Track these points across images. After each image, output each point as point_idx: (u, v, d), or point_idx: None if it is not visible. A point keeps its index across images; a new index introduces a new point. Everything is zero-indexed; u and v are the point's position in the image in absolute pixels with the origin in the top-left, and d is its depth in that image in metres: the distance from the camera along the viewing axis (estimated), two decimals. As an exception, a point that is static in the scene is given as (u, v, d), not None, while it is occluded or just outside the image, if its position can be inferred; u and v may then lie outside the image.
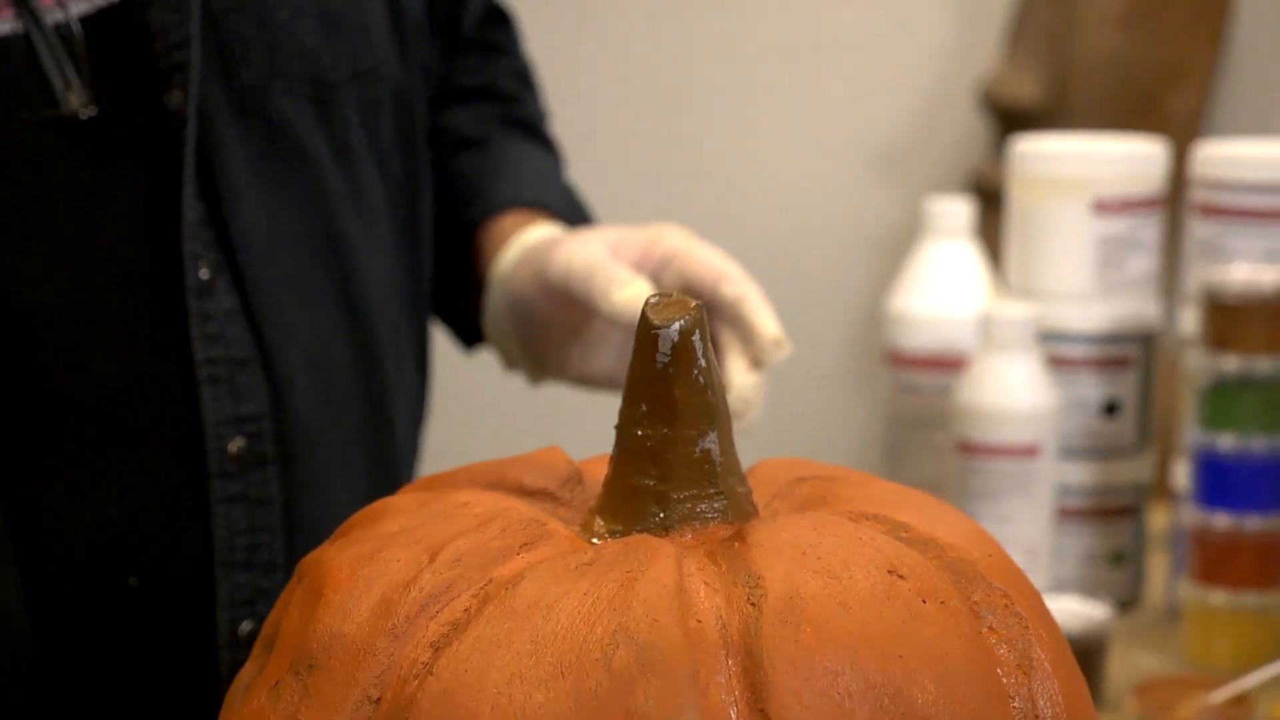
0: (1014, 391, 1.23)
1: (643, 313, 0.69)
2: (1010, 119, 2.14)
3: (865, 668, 0.63)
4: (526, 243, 0.99)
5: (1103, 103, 2.10)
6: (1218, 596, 1.19)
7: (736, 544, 0.67)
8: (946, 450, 1.28)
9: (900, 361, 1.33)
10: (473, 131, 1.05)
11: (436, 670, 0.64)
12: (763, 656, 0.63)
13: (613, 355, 0.98)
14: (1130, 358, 1.29)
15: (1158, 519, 1.38)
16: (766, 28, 2.28)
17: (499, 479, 0.75)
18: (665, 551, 0.66)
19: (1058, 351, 1.28)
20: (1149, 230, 1.29)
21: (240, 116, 0.88)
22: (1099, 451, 1.29)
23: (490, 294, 1.01)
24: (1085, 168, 1.28)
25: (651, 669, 0.62)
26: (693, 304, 0.69)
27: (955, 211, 1.34)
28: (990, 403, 1.23)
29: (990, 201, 1.92)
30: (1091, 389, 1.29)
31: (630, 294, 0.89)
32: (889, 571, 0.66)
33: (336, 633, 0.67)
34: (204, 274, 0.87)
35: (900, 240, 2.28)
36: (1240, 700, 1.08)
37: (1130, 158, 1.29)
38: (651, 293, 0.87)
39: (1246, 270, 1.20)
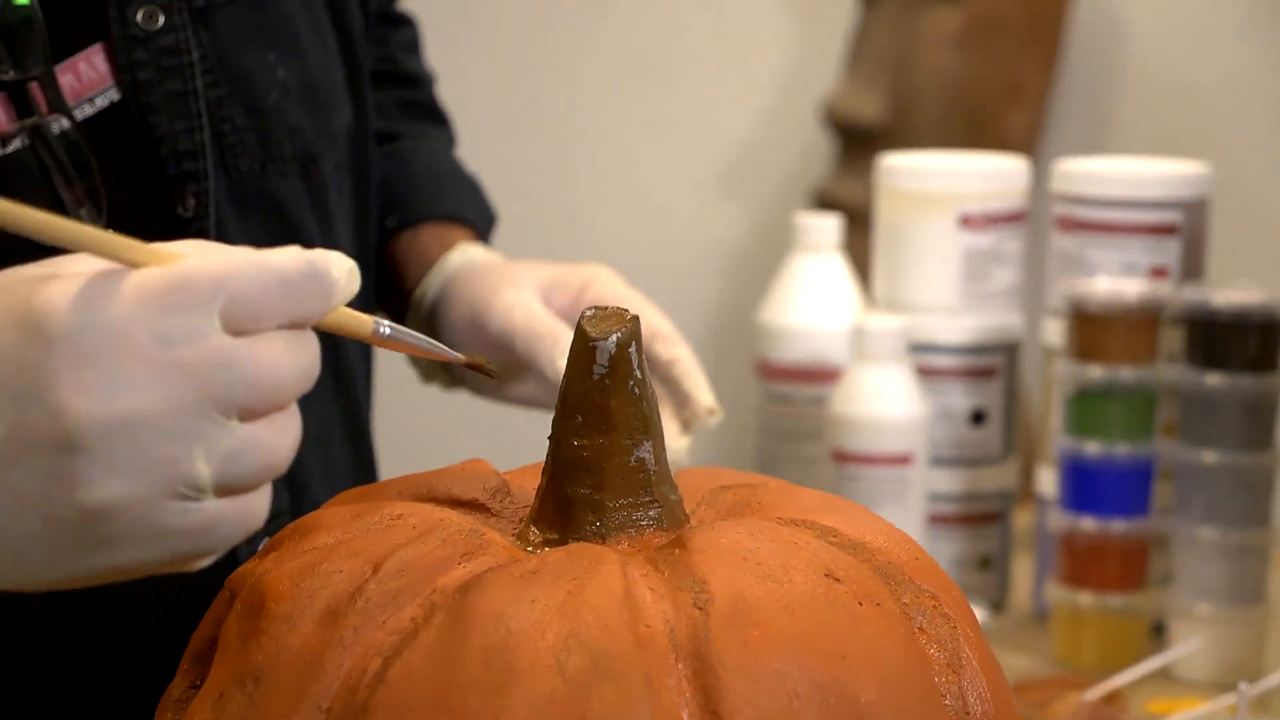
0: (887, 401, 1.26)
1: (579, 326, 0.71)
2: (851, 136, 2.18)
3: (811, 668, 0.65)
4: (450, 268, 1.01)
5: (941, 121, 2.14)
6: (1085, 598, 1.23)
7: (677, 550, 0.69)
8: (819, 460, 1.31)
9: (771, 373, 1.36)
10: (379, 123, 1.05)
11: (388, 680, 0.65)
12: (713, 659, 0.64)
13: (534, 385, 1.00)
14: (996, 368, 1.33)
15: (1022, 518, 1.42)
16: (610, 45, 2.30)
17: (428, 491, 0.76)
18: (609, 559, 0.68)
19: (925, 362, 1.32)
20: (1012, 244, 1.33)
21: (238, 205, 0.87)
22: (966, 460, 1.33)
23: (413, 317, 1.02)
24: (951, 184, 1.32)
25: (606, 674, 0.63)
26: (629, 316, 0.71)
27: (825, 226, 1.37)
28: (865, 413, 1.26)
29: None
30: (959, 398, 1.32)
31: None
32: (826, 575, 0.68)
33: (282, 645, 0.67)
34: None
35: (745, 254, 2.31)
36: (1113, 697, 1.12)
37: (994, 174, 1.33)
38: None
39: (1110, 283, 1.24)
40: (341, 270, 0.63)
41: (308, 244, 0.90)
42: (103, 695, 0.85)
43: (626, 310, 0.71)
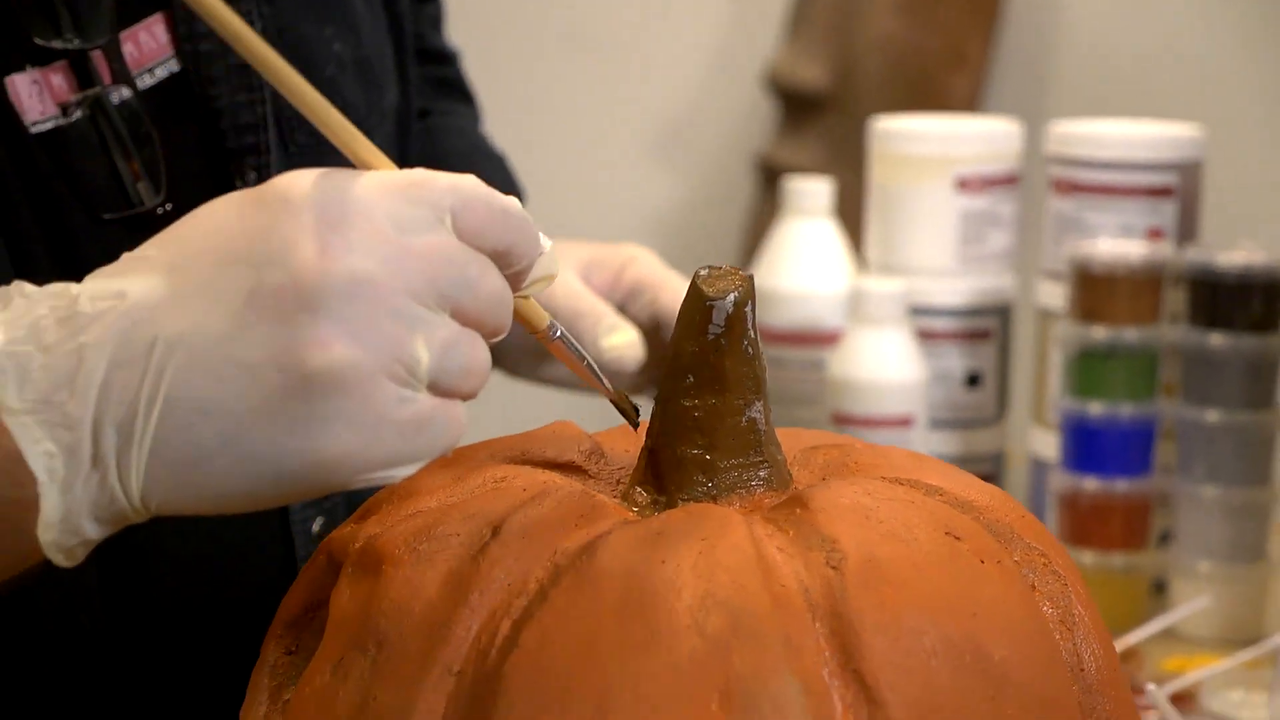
0: (888, 364, 1.26)
1: (694, 285, 0.70)
2: (794, 101, 2.19)
3: (945, 627, 0.65)
4: None
5: (884, 86, 2.15)
6: (1088, 558, 1.24)
7: (798, 510, 0.68)
8: (815, 422, 1.31)
9: (764, 337, 1.35)
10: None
11: (522, 642, 0.64)
12: (851, 618, 0.64)
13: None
14: (991, 330, 1.34)
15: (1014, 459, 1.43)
16: (549, 9, 2.29)
17: (521, 454, 0.75)
18: (735, 519, 0.67)
19: (921, 325, 1.32)
20: (1007, 206, 1.34)
21: None
22: (962, 422, 1.33)
23: None
24: (947, 147, 1.32)
25: (746, 634, 0.63)
26: (744, 275, 0.70)
27: (816, 190, 1.37)
28: (866, 375, 1.26)
29: (774, 182, 1.96)
30: (955, 361, 1.33)
31: (619, 340, 0.95)
32: (946, 533, 0.68)
33: (405, 609, 0.66)
34: None
35: (688, 220, 2.31)
36: (1129, 655, 1.13)
37: (989, 136, 1.33)
38: (635, 332, 0.96)
39: (1112, 244, 1.25)
40: (548, 241, 0.65)
41: None
42: (160, 668, 0.84)
43: (739, 269, 0.71)
